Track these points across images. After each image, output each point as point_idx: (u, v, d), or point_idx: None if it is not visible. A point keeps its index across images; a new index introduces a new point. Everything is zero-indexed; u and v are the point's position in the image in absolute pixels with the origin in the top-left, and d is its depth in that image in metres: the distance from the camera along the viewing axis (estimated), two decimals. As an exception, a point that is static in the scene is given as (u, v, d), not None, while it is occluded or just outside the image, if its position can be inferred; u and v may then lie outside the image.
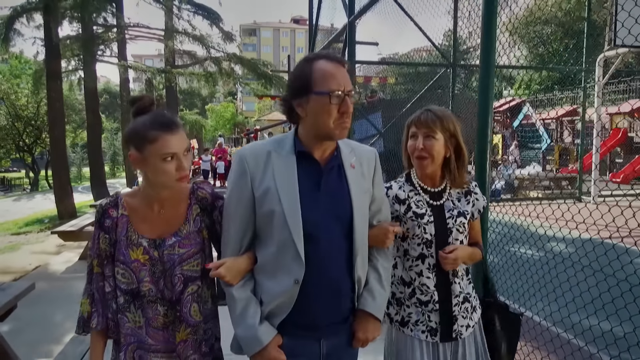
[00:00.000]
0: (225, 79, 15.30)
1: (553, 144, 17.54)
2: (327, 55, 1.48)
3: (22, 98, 19.72)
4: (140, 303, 1.47)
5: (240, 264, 1.47)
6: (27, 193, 21.54)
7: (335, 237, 1.48)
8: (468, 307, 1.76)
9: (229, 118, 42.16)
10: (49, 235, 7.87)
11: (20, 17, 12.74)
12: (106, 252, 1.48)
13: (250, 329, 1.44)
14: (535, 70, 18.87)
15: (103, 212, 1.48)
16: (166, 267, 1.47)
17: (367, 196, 1.56)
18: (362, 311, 1.54)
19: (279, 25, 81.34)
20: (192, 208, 1.54)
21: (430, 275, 1.72)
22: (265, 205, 1.44)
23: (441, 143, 1.71)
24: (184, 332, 1.50)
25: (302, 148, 1.49)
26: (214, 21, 17.28)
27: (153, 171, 1.42)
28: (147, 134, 1.40)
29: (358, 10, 5.17)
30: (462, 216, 1.74)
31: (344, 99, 1.42)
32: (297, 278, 1.42)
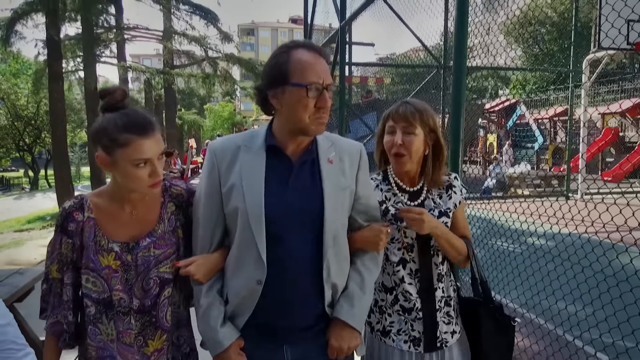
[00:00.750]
0: (222, 80, 15.53)
1: (547, 144, 17.82)
2: (306, 44, 1.37)
3: (21, 98, 19.93)
4: (112, 314, 1.36)
5: (211, 261, 1.41)
6: (27, 192, 21.72)
7: (303, 238, 1.37)
8: (450, 311, 1.64)
9: (226, 117, 42.34)
10: (52, 232, 8.11)
11: (21, 18, 12.96)
12: (67, 258, 1.35)
13: (212, 331, 1.38)
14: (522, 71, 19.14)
15: (66, 215, 1.35)
16: (139, 271, 1.37)
17: (345, 194, 1.44)
18: (336, 318, 1.42)
19: (277, 25, 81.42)
20: (166, 206, 1.45)
21: (412, 282, 1.61)
22: (230, 202, 1.37)
23: (420, 139, 1.60)
24: (159, 340, 1.40)
25: (272, 142, 1.40)
26: (212, 22, 17.50)
27: (123, 176, 1.32)
28: (118, 137, 1.27)
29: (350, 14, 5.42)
30: (444, 215, 1.62)
31: (322, 92, 1.32)
32: (259, 279, 1.34)
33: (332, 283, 1.41)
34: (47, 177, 25.00)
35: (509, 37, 22.56)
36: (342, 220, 1.43)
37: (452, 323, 1.64)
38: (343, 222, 1.44)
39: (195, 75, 15.64)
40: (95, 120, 1.34)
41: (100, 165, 1.33)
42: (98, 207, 1.37)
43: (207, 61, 16.41)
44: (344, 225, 1.45)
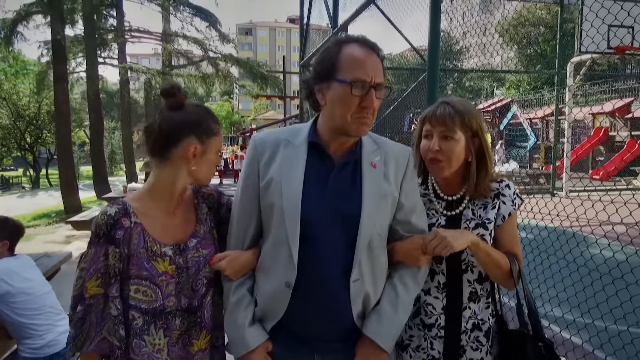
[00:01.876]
0: (221, 80, 15.86)
1: (539, 143, 18.18)
2: (361, 39, 1.30)
3: (23, 98, 20.23)
4: (162, 322, 1.31)
5: (244, 258, 1.37)
6: (27, 191, 22.01)
7: (337, 242, 1.29)
8: (480, 337, 1.46)
9: (224, 116, 42.62)
10: (58, 228, 8.47)
11: (23, 20, 13.25)
12: (115, 269, 1.26)
13: (239, 330, 1.33)
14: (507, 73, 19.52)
15: (114, 223, 1.27)
16: (191, 273, 1.34)
17: (386, 201, 1.34)
18: (363, 335, 1.33)
19: (275, 25, 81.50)
20: (200, 207, 1.44)
21: (439, 295, 1.47)
22: (267, 197, 1.32)
23: (461, 145, 1.42)
24: (204, 339, 1.38)
25: (315, 139, 1.34)
26: (212, 23, 17.79)
27: (206, 165, 1.37)
28: (212, 126, 1.35)
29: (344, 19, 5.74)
30: (481, 227, 1.44)
31: (368, 90, 1.24)
32: (288, 281, 1.28)
33: (365, 293, 1.32)
34: (47, 176, 25.27)
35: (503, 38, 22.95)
36: (379, 228, 1.33)
37: (482, 351, 1.46)
38: (381, 231, 1.34)
39: (194, 75, 15.97)
40: (165, 118, 1.33)
41: (188, 157, 1.32)
42: (141, 212, 1.32)
43: (208, 61, 16.71)
44: (381, 233, 1.35)
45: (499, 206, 1.46)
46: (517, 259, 1.46)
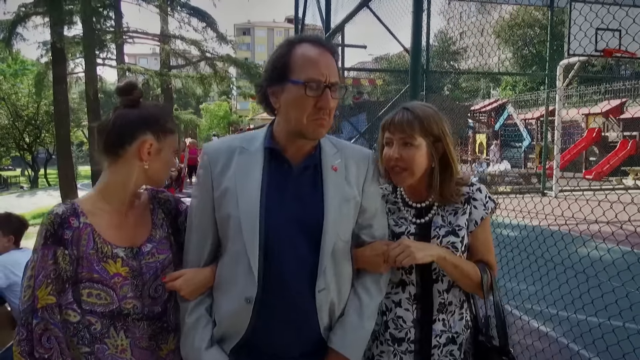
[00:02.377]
0: (219, 81, 16.00)
1: (534, 143, 18.38)
2: (313, 38, 1.26)
3: (22, 98, 20.39)
4: (122, 324, 1.26)
5: (201, 278, 1.29)
6: (25, 190, 22.13)
7: (300, 251, 1.23)
8: (453, 350, 1.40)
9: (222, 117, 42.71)
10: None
11: (22, 21, 13.36)
12: (67, 273, 1.19)
13: (195, 353, 1.26)
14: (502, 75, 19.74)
15: (61, 222, 1.19)
16: (146, 279, 1.29)
17: (349, 205, 1.29)
18: (331, 348, 1.28)
19: (273, 25, 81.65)
20: (157, 213, 1.39)
21: (410, 307, 1.41)
22: (222, 208, 1.25)
23: (423, 151, 1.37)
24: (172, 341, 1.35)
25: (271, 144, 1.28)
26: (210, 25, 17.92)
27: (160, 165, 1.32)
28: (169, 125, 1.31)
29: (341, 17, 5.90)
30: (452, 234, 1.38)
31: (323, 90, 1.18)
32: (248, 296, 1.21)
33: (331, 302, 1.27)
34: (46, 176, 25.40)
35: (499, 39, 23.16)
36: (344, 234, 1.28)
37: None
38: (345, 237, 1.29)
39: (192, 76, 16.11)
40: (119, 115, 1.29)
41: (141, 154, 1.27)
42: (91, 212, 1.25)
43: (205, 62, 16.84)
44: (346, 240, 1.30)
45: (470, 211, 1.41)
46: (490, 267, 1.41)
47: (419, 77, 3.16)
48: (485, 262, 1.43)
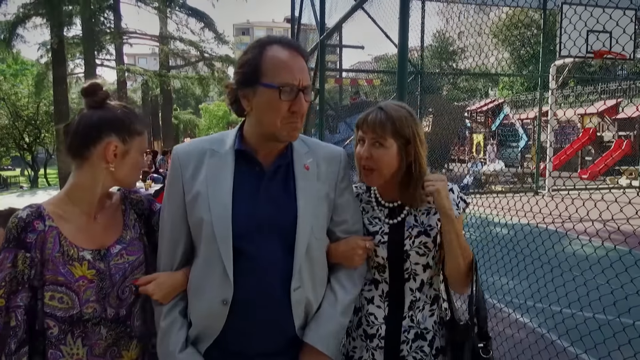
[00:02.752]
0: (217, 82, 16.16)
1: (530, 143, 18.53)
2: (283, 39, 1.23)
3: (22, 98, 20.53)
4: (80, 330, 1.24)
5: (173, 281, 1.29)
6: (25, 190, 22.23)
7: (274, 251, 1.24)
8: (424, 347, 1.41)
9: (221, 116, 42.83)
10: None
11: (22, 22, 13.51)
12: (23, 276, 1.19)
13: (170, 357, 1.26)
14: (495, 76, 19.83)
15: (25, 225, 1.20)
16: (115, 280, 1.28)
17: (322, 203, 1.31)
18: (305, 343, 1.29)
19: (272, 25, 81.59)
20: (128, 214, 1.38)
21: (382, 305, 1.43)
22: (194, 212, 1.24)
23: (392, 152, 1.36)
24: (135, 350, 1.33)
25: (242, 146, 1.27)
26: (208, 25, 18.08)
27: (128, 167, 1.30)
28: (136, 126, 1.29)
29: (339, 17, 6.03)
30: (424, 234, 1.40)
31: (297, 94, 1.18)
32: (225, 298, 1.21)
33: (307, 300, 1.28)
34: (46, 176, 25.52)
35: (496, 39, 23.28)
36: (317, 233, 1.29)
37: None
38: (319, 236, 1.30)
39: (191, 77, 16.27)
40: (84, 115, 1.27)
41: (107, 157, 1.25)
42: (58, 215, 1.25)
43: (204, 62, 17.01)
44: (319, 239, 1.31)
45: None
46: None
47: (405, 80, 3.29)
48: None
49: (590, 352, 2.68)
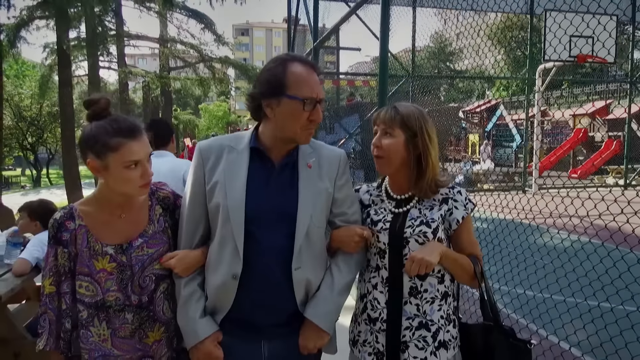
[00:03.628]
0: (217, 83, 16.47)
1: (523, 143, 18.82)
2: (301, 58, 1.44)
3: (25, 99, 20.81)
4: (105, 315, 1.41)
5: (192, 257, 1.45)
6: (27, 189, 22.54)
7: (279, 235, 1.41)
8: (427, 337, 1.47)
9: (221, 117, 43.09)
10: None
11: (26, 25, 13.78)
12: (65, 268, 1.40)
13: (190, 322, 1.42)
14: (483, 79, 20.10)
15: (59, 226, 1.39)
16: (135, 270, 1.42)
17: (321, 197, 1.47)
18: (305, 317, 1.45)
19: (272, 25, 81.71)
20: (154, 209, 1.50)
21: (383, 290, 1.52)
22: (213, 198, 1.41)
23: (399, 142, 1.50)
24: (158, 331, 1.48)
25: (256, 145, 1.45)
26: (207, 26, 18.36)
27: (115, 179, 1.36)
28: (109, 141, 1.32)
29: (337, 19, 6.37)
30: (424, 225, 1.49)
31: (315, 106, 1.38)
32: (235, 273, 1.38)
33: (307, 280, 1.43)
34: (48, 176, 25.81)
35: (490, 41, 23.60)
36: (316, 220, 1.45)
37: (427, 350, 1.47)
38: (317, 223, 1.46)
39: (191, 79, 16.58)
40: (83, 129, 1.39)
41: (92, 170, 1.36)
42: (87, 215, 1.41)
43: (204, 64, 17.29)
44: (319, 225, 1.46)
45: (450, 211, 1.51)
46: (479, 259, 1.53)
47: (386, 85, 3.66)
48: (474, 255, 1.53)
49: (547, 327, 3.07)
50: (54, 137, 22.27)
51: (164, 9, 15.51)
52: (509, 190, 9.74)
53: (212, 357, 1.42)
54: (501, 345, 1.48)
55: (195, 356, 1.43)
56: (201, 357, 1.42)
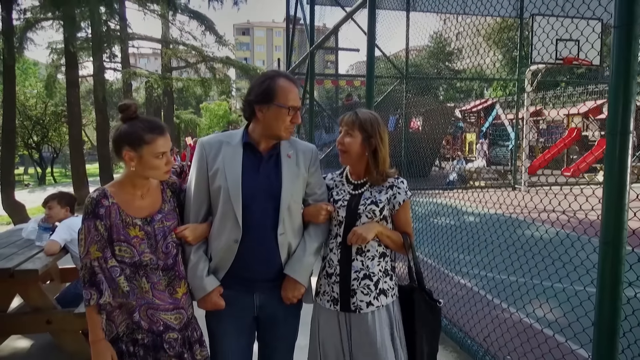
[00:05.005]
0: (218, 83, 16.83)
1: (520, 142, 19.09)
2: (286, 74, 1.82)
3: (30, 99, 21.10)
4: (144, 272, 1.71)
5: (201, 228, 1.80)
6: (31, 187, 22.84)
7: (267, 208, 1.76)
8: (370, 285, 1.86)
9: (222, 116, 43.31)
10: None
11: (33, 26, 14.12)
12: (104, 236, 1.66)
13: (198, 279, 1.76)
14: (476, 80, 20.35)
15: (96, 203, 1.66)
16: (158, 239, 1.74)
17: (299, 180, 1.83)
18: (286, 274, 1.80)
19: (272, 25, 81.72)
20: (165, 191, 1.84)
21: (336, 252, 1.91)
22: (215, 182, 1.75)
23: (357, 141, 1.88)
24: (184, 286, 1.80)
25: (248, 140, 1.80)
26: (208, 27, 18.68)
27: (146, 167, 1.69)
28: (144, 137, 1.67)
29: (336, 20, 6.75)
30: (373, 204, 1.88)
31: (295, 112, 1.77)
32: (236, 238, 1.73)
33: (288, 243, 1.81)
34: (52, 174, 26.12)
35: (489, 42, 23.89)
36: (295, 197, 1.83)
37: (370, 295, 1.86)
38: (296, 199, 1.84)
39: (193, 79, 16.94)
40: (117, 128, 1.72)
41: (127, 160, 1.68)
42: (116, 194, 1.72)
43: (205, 65, 17.63)
44: (297, 201, 1.85)
45: (394, 195, 1.91)
46: (409, 235, 1.95)
47: (373, 88, 4.02)
48: (406, 232, 1.96)
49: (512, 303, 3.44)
50: (58, 136, 22.55)
51: (166, 10, 15.86)
52: (496, 187, 10.13)
53: (216, 306, 1.78)
54: (419, 301, 1.91)
55: (202, 306, 1.81)
56: (208, 306, 1.80)
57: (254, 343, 1.94)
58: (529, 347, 2.86)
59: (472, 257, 4.14)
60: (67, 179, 25.35)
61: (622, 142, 1.58)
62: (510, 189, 10.65)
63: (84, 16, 12.47)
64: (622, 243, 1.61)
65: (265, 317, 1.86)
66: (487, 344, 3.12)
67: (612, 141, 1.61)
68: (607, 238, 1.63)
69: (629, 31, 1.55)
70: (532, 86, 10.68)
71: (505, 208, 4.04)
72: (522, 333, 3.02)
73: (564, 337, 2.73)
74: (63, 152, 27.67)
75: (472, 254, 4.10)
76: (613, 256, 1.62)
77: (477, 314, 3.41)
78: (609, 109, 1.62)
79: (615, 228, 1.61)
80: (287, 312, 1.88)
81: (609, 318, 1.67)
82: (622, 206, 1.60)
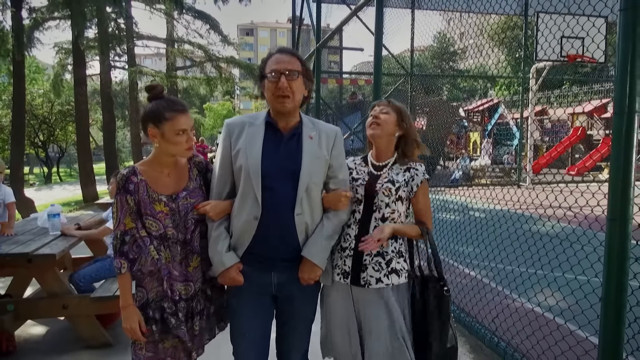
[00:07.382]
0: (223, 82, 16.91)
1: (524, 142, 19.08)
2: (284, 49, 1.82)
3: (36, 98, 21.21)
4: (167, 244, 1.82)
5: (223, 205, 1.83)
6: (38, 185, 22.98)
7: (287, 189, 1.76)
8: (382, 263, 1.92)
9: (225, 115, 43.45)
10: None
11: (40, 26, 14.23)
12: (134, 210, 1.77)
13: (218, 254, 1.79)
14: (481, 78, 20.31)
15: (126, 179, 1.76)
16: (182, 215, 1.83)
17: (320, 161, 1.81)
18: (303, 256, 1.80)
19: (276, 26, 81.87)
20: (192, 170, 1.92)
21: (354, 227, 1.97)
22: (237, 161, 1.77)
23: (392, 119, 2.00)
24: (195, 261, 1.88)
25: (269, 119, 1.82)
26: (213, 27, 18.78)
27: (168, 143, 1.77)
28: (165, 114, 1.75)
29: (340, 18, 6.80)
30: (390, 183, 1.95)
31: (279, 78, 1.71)
32: (255, 215, 1.74)
33: (306, 224, 1.79)
34: (58, 172, 26.25)
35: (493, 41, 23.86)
36: (315, 178, 1.80)
37: (381, 273, 1.92)
38: (316, 180, 1.80)
39: (199, 78, 17.03)
40: (144, 106, 1.82)
41: (151, 137, 1.78)
42: (144, 172, 1.81)
43: (211, 64, 17.72)
44: (316, 183, 1.81)
45: (412, 177, 1.98)
46: (427, 226, 2.00)
47: (380, 86, 4.09)
48: (423, 222, 2.02)
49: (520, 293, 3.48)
50: (64, 135, 22.65)
51: (171, 10, 15.96)
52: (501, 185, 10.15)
53: (234, 282, 1.81)
54: (434, 288, 1.93)
55: (222, 280, 1.84)
56: (227, 281, 1.83)
57: (272, 321, 1.96)
58: (541, 335, 2.90)
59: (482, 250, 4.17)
60: (72, 178, 25.45)
61: (628, 121, 1.64)
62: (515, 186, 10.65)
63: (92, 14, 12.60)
64: (628, 219, 1.66)
65: (283, 296, 1.88)
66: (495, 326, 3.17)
67: (619, 120, 1.66)
68: (615, 214, 1.68)
69: (635, 13, 1.60)
70: (537, 83, 10.68)
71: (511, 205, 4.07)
72: (524, 317, 3.09)
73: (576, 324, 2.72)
74: (68, 151, 27.81)
75: (481, 246, 4.14)
76: (620, 232, 1.67)
77: (488, 303, 3.47)
78: (615, 90, 1.67)
79: (622, 204, 1.66)
80: (304, 292, 1.89)
81: (616, 293, 1.72)
82: (628, 183, 1.65)
